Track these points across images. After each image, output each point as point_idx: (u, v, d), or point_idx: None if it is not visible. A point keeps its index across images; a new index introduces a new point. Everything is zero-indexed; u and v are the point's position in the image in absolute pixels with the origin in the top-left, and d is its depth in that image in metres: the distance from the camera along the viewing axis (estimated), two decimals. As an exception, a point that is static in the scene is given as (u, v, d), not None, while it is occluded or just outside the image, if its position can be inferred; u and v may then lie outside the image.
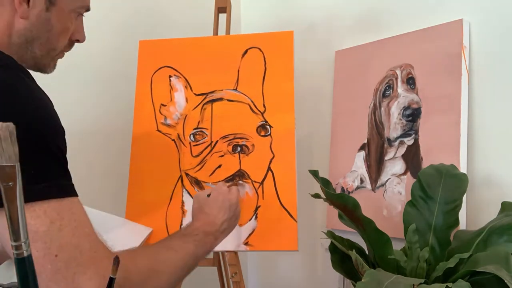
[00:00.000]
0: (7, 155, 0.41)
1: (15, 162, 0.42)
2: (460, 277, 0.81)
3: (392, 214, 1.21)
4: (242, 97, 1.15)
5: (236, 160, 1.12)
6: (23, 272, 0.43)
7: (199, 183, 1.13)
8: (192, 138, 1.15)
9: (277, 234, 1.06)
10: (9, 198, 0.42)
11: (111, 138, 1.34)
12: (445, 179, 0.98)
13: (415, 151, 1.18)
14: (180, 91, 1.18)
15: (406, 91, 1.23)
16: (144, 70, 1.20)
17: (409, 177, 1.19)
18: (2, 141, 0.41)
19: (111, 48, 1.38)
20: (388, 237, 0.93)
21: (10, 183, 0.42)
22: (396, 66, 1.26)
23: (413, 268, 0.94)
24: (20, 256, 0.43)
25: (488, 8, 1.11)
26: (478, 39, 1.12)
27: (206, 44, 1.21)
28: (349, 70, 1.40)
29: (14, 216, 0.43)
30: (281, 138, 1.11)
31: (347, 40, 1.43)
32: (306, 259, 1.55)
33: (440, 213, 0.96)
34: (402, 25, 1.27)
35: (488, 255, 0.82)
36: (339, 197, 0.93)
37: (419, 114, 1.19)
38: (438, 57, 1.16)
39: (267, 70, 1.16)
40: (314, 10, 1.55)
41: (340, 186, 1.37)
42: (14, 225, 0.43)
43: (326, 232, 1.00)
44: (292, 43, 1.16)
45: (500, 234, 0.87)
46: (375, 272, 0.80)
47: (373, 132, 1.30)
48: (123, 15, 1.42)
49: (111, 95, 1.37)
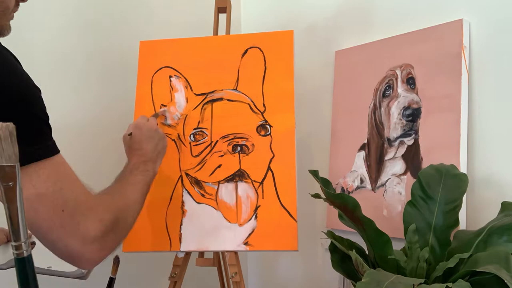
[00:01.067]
0: (7, 155, 0.41)
1: (15, 162, 0.42)
2: (460, 277, 0.81)
3: (392, 214, 1.21)
4: (242, 97, 1.15)
5: (236, 159, 1.12)
6: (23, 272, 0.43)
7: (199, 183, 1.13)
8: (192, 138, 1.15)
9: (277, 234, 1.06)
10: (9, 198, 0.42)
11: (111, 138, 1.34)
12: (445, 179, 0.98)
13: (415, 151, 1.18)
14: (180, 91, 1.18)
15: (406, 91, 1.23)
16: (145, 71, 1.20)
17: (409, 177, 1.19)
18: (2, 141, 0.41)
19: (111, 48, 1.38)
20: (388, 237, 0.93)
21: (10, 183, 0.42)
22: (396, 66, 1.26)
23: (413, 268, 0.94)
24: (20, 256, 0.43)
25: (488, 8, 1.11)
26: (478, 39, 1.12)
27: (206, 44, 1.21)
28: (349, 70, 1.40)
29: (14, 216, 0.43)
30: (281, 137, 1.11)
31: (347, 40, 1.43)
32: (306, 259, 1.55)
33: (440, 213, 0.96)
34: (402, 25, 1.27)
35: (488, 255, 0.82)
36: (339, 197, 0.93)
37: (419, 114, 1.19)
38: (438, 57, 1.16)
39: (267, 70, 1.16)
40: (314, 10, 1.55)
41: (340, 186, 1.37)
42: (14, 225, 0.43)
43: (326, 232, 1.00)
44: (292, 42, 1.16)
45: (500, 234, 0.87)
46: (375, 272, 0.80)
47: (373, 132, 1.30)
48: (123, 15, 1.42)
49: (112, 95, 1.37)
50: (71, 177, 0.66)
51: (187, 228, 1.10)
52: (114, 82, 1.38)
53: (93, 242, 0.65)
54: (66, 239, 0.63)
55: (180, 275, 1.10)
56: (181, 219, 1.11)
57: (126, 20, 1.43)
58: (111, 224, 0.69)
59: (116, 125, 1.35)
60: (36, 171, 0.60)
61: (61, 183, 0.63)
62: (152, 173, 0.94)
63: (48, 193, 0.61)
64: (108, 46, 1.38)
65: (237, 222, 1.09)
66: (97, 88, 1.35)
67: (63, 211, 0.63)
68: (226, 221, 1.09)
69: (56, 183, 0.63)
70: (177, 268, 1.11)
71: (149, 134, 0.99)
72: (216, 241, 1.08)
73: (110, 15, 1.39)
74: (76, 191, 0.66)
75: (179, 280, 1.10)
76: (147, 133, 0.99)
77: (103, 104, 1.36)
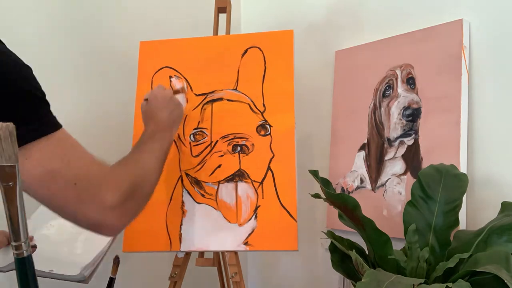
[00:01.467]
0: (7, 155, 0.41)
1: (15, 162, 0.42)
2: (460, 277, 0.81)
3: (392, 214, 1.21)
4: (242, 97, 1.15)
5: (236, 159, 1.12)
6: (23, 272, 0.43)
7: (199, 183, 1.13)
8: (192, 138, 1.15)
9: (277, 234, 1.06)
10: (9, 198, 0.42)
11: (111, 139, 1.34)
12: (445, 179, 0.98)
13: (415, 151, 1.18)
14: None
15: (406, 91, 1.23)
16: (145, 71, 1.20)
17: (409, 177, 1.19)
18: (2, 141, 0.41)
19: (111, 49, 1.38)
20: (388, 237, 0.93)
21: (10, 183, 0.42)
22: (396, 66, 1.26)
23: (413, 268, 0.94)
24: (20, 256, 0.43)
25: (488, 8, 1.11)
26: (478, 39, 1.12)
27: (206, 44, 1.21)
28: (349, 70, 1.40)
29: (14, 216, 0.43)
30: (281, 137, 1.11)
31: (347, 40, 1.43)
32: (306, 259, 1.55)
33: (440, 213, 0.96)
34: (402, 25, 1.27)
35: (488, 255, 0.82)
36: (339, 197, 0.93)
37: (419, 114, 1.19)
38: (438, 57, 1.16)
39: (267, 70, 1.15)
40: (314, 10, 1.55)
41: (340, 186, 1.37)
42: (14, 224, 0.43)
43: (326, 232, 1.00)
44: (292, 42, 1.16)
45: (500, 234, 0.87)
46: (375, 272, 0.80)
47: (373, 132, 1.30)
48: (124, 15, 1.42)
49: (112, 95, 1.37)
50: (78, 150, 0.66)
51: (187, 228, 1.10)
52: (114, 82, 1.38)
53: (113, 209, 0.66)
54: (84, 210, 0.64)
55: (180, 275, 1.10)
56: (181, 219, 1.11)
57: (127, 20, 1.43)
58: (129, 191, 0.69)
59: (116, 126, 1.36)
60: (39, 149, 0.60)
61: (68, 157, 0.63)
62: (169, 140, 0.94)
63: (56, 168, 0.61)
64: (108, 46, 1.38)
65: (237, 222, 1.09)
66: (97, 88, 1.35)
67: (76, 184, 0.63)
68: (226, 221, 1.09)
69: (63, 158, 0.62)
70: (177, 268, 1.11)
71: (164, 102, 1.00)
72: (216, 241, 1.08)
73: (110, 15, 1.39)
74: (86, 163, 0.66)
75: (179, 280, 1.10)
76: (162, 100, 1.00)
77: (103, 104, 1.36)
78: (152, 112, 0.98)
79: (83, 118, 1.31)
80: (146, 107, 1.00)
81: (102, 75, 1.36)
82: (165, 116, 0.97)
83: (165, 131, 0.94)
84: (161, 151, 0.88)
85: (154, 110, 0.98)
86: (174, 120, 1.00)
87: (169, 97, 1.02)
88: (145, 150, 0.85)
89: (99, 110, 1.35)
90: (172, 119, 0.99)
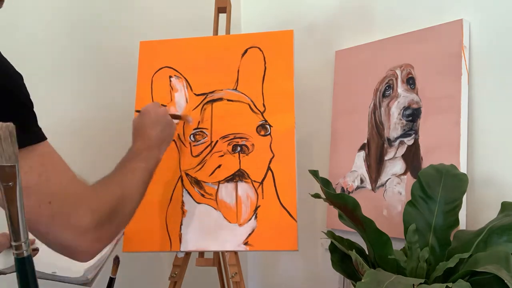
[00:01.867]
0: (7, 155, 0.42)
1: (15, 162, 0.42)
2: (460, 277, 0.81)
3: (392, 214, 1.21)
4: (242, 97, 1.15)
5: (236, 160, 1.12)
6: (23, 272, 0.43)
7: (199, 183, 1.13)
8: (192, 138, 1.15)
9: (277, 234, 1.06)
10: (9, 198, 0.42)
11: (111, 139, 1.34)
12: (445, 179, 0.98)
13: (415, 151, 1.18)
14: (180, 91, 1.18)
15: (406, 91, 1.23)
16: (145, 71, 1.20)
17: (409, 177, 1.19)
18: (2, 141, 0.41)
19: (111, 49, 1.38)
20: (388, 237, 0.93)
21: (10, 183, 0.42)
22: (396, 66, 1.26)
23: (413, 268, 0.94)
24: (20, 256, 0.43)
25: (488, 8, 1.11)
26: (478, 39, 1.12)
27: (206, 44, 1.21)
28: (349, 70, 1.40)
29: (14, 216, 0.43)
30: (281, 137, 1.11)
31: (347, 40, 1.43)
32: (306, 259, 1.55)
33: (440, 213, 0.96)
34: (402, 25, 1.27)
35: (488, 255, 0.82)
36: (339, 197, 0.93)
37: (419, 114, 1.19)
38: (438, 57, 1.16)
39: (267, 70, 1.15)
40: (314, 10, 1.55)
41: (340, 186, 1.37)
42: (14, 224, 0.43)
43: (326, 232, 1.00)
44: (292, 42, 1.16)
45: (500, 234, 0.87)
46: (375, 272, 0.80)
47: (373, 132, 1.30)
48: (124, 15, 1.42)
49: (112, 95, 1.37)
50: (58, 166, 0.63)
51: (187, 228, 1.10)
52: (114, 82, 1.38)
53: (86, 233, 0.62)
54: (56, 231, 0.61)
55: (180, 275, 1.10)
56: (181, 219, 1.11)
57: (126, 20, 1.43)
58: (107, 214, 0.66)
59: (116, 126, 1.36)
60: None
61: (47, 173, 0.60)
62: (155, 160, 0.91)
63: (32, 184, 0.58)
64: (108, 46, 1.38)
65: (237, 222, 1.09)
66: (97, 88, 1.35)
67: (50, 203, 0.60)
68: (226, 221, 1.09)
69: (42, 174, 0.59)
70: (177, 268, 1.11)
71: (156, 119, 0.96)
72: (216, 241, 1.08)
73: (110, 15, 1.39)
74: (65, 181, 0.63)
75: (179, 280, 1.10)
76: (154, 117, 0.96)
77: (103, 104, 1.36)
78: (142, 128, 0.94)
79: (83, 118, 1.31)
80: (137, 121, 0.96)
81: (102, 75, 1.36)
82: (154, 134, 0.94)
83: (152, 150, 0.91)
84: (145, 171, 0.84)
85: (145, 125, 0.94)
86: (163, 139, 0.96)
87: (162, 114, 0.98)
88: (129, 170, 0.82)
89: (99, 110, 1.35)
90: (162, 137, 0.96)
